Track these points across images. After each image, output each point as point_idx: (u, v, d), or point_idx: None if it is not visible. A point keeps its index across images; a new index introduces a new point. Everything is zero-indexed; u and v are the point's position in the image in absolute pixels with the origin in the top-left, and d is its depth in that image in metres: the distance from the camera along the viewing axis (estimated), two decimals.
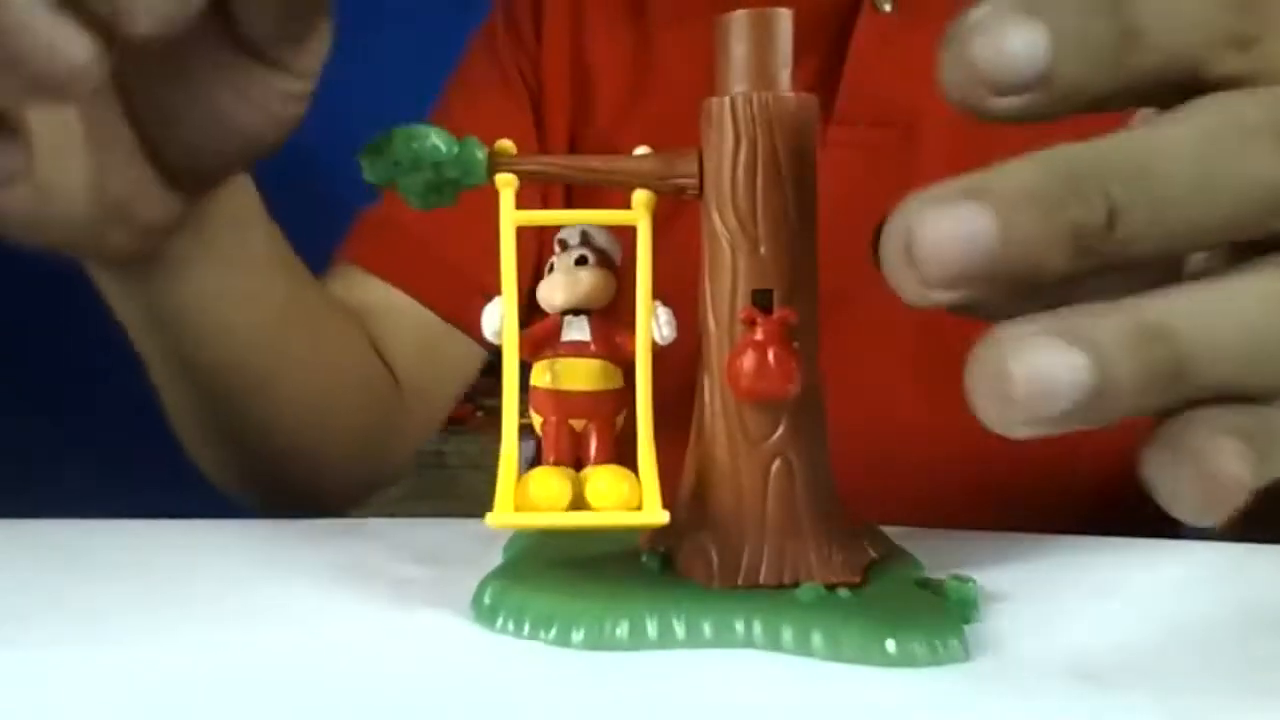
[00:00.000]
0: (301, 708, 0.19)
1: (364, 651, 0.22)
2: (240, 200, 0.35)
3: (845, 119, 0.47)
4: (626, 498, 0.23)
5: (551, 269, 0.25)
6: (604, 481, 0.23)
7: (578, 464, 0.24)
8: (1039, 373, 0.16)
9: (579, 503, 0.23)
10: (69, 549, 0.29)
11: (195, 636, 0.22)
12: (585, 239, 0.25)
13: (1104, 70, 0.18)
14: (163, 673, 0.20)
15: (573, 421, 0.24)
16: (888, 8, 0.46)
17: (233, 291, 0.37)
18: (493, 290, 0.24)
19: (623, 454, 0.24)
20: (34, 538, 0.30)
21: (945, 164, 0.46)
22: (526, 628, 0.22)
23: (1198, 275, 0.18)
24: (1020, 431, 0.16)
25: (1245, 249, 0.18)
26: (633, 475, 0.23)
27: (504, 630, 0.23)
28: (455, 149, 0.23)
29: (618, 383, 0.24)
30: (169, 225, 0.31)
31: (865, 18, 0.46)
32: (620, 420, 0.24)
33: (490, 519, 0.22)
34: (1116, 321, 0.16)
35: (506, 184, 0.24)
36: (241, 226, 0.36)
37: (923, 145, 0.46)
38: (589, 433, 0.24)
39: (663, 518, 0.22)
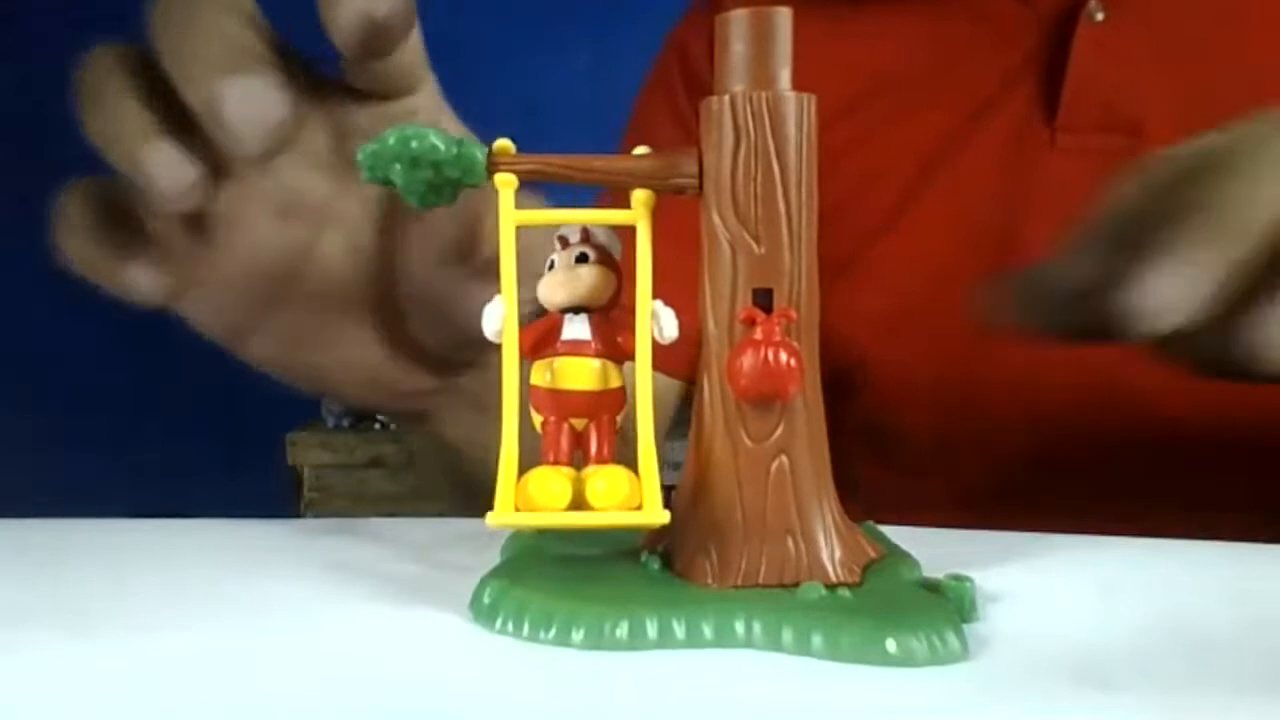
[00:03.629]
0: (300, 707, 0.19)
1: (363, 651, 0.22)
2: None
3: (1071, 126, 0.49)
4: (626, 498, 0.22)
5: (552, 266, 0.25)
6: (604, 482, 0.22)
7: (579, 463, 0.24)
8: None
9: (579, 502, 0.23)
10: (68, 549, 0.29)
11: (193, 635, 0.22)
12: (586, 236, 0.25)
13: None
14: (161, 672, 0.20)
15: (573, 421, 0.24)
16: (1100, 16, 0.48)
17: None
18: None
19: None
20: (33, 538, 0.30)
21: None
22: (526, 627, 0.22)
23: None
24: None
25: None
26: (633, 475, 0.23)
27: (503, 630, 0.22)
28: (455, 149, 0.23)
29: (618, 382, 0.24)
30: (427, 393, 0.37)
31: (1082, 27, 0.48)
32: (621, 419, 0.24)
33: (490, 519, 0.22)
34: None
35: (506, 184, 0.24)
36: None
37: (1144, 149, 0.48)
38: (589, 432, 0.24)
39: (663, 517, 0.22)
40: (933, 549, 0.26)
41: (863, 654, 0.21)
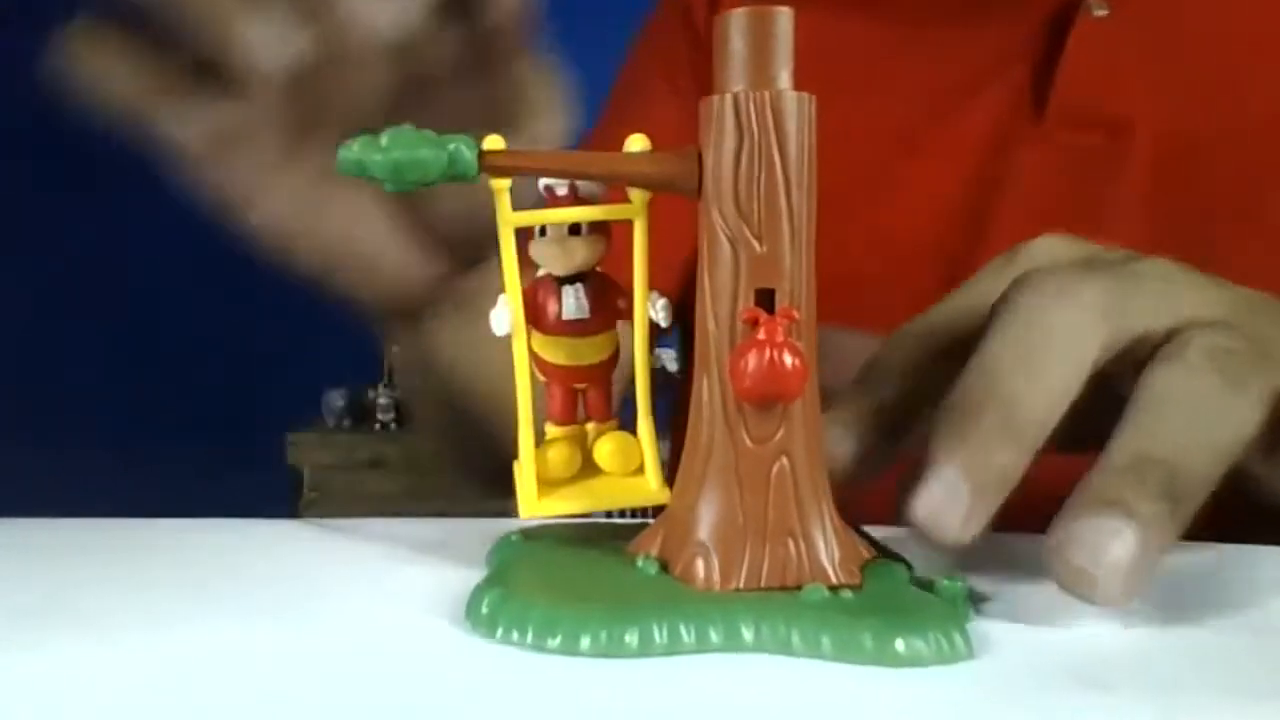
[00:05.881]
0: (298, 709, 0.19)
1: (362, 652, 0.21)
2: None
3: (1056, 121, 0.48)
4: (630, 460, 0.26)
5: (544, 232, 0.25)
6: (610, 444, 0.26)
7: (583, 419, 0.27)
8: None
9: (588, 463, 0.26)
10: (68, 549, 0.29)
11: (192, 636, 0.22)
12: (573, 189, 0.25)
13: None
14: (159, 671, 0.20)
15: (576, 385, 0.26)
16: (1101, 12, 0.47)
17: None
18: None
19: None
20: (33, 538, 0.30)
21: (1151, 169, 0.47)
22: (530, 636, 0.22)
23: None
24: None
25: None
26: (633, 439, 0.26)
27: (506, 639, 0.22)
28: (444, 157, 0.22)
29: (614, 346, 0.26)
30: (424, 293, 0.37)
31: (1080, 22, 0.47)
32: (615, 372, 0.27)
33: (523, 512, 0.25)
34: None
35: (501, 188, 0.24)
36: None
37: (1131, 149, 0.47)
38: (589, 392, 0.27)
39: (665, 495, 0.25)
40: (921, 550, 0.26)
41: (872, 655, 0.21)
